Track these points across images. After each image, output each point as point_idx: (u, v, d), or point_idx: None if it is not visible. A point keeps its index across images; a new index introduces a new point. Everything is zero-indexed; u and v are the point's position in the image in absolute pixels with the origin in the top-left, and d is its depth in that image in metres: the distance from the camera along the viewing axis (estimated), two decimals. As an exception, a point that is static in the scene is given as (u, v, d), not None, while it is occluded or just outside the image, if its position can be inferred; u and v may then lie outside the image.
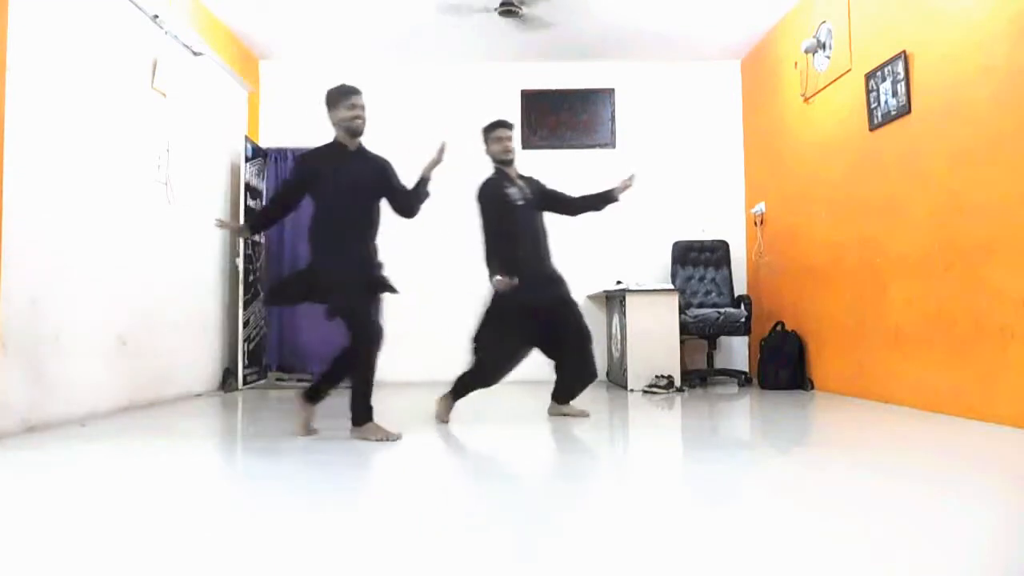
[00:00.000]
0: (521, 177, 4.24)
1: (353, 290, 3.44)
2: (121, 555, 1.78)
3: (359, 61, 6.90)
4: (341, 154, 3.60)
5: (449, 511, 2.23)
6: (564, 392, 4.25)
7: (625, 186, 4.27)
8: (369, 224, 3.61)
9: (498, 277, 3.90)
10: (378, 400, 3.48)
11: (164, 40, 5.08)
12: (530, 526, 2.05)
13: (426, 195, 3.71)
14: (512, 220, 4.07)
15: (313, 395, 3.55)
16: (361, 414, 3.42)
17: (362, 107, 3.58)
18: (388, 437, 3.37)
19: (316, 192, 3.57)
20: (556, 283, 4.15)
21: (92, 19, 4.32)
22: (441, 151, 3.63)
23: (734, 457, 3.20)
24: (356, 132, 3.58)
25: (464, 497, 2.44)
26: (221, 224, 4.22)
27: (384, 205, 3.69)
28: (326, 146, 3.64)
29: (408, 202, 3.69)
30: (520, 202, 4.11)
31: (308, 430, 3.53)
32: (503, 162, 4.17)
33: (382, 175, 3.67)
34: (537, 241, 4.15)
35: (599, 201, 4.34)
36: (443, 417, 3.99)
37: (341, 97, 3.56)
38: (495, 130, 4.18)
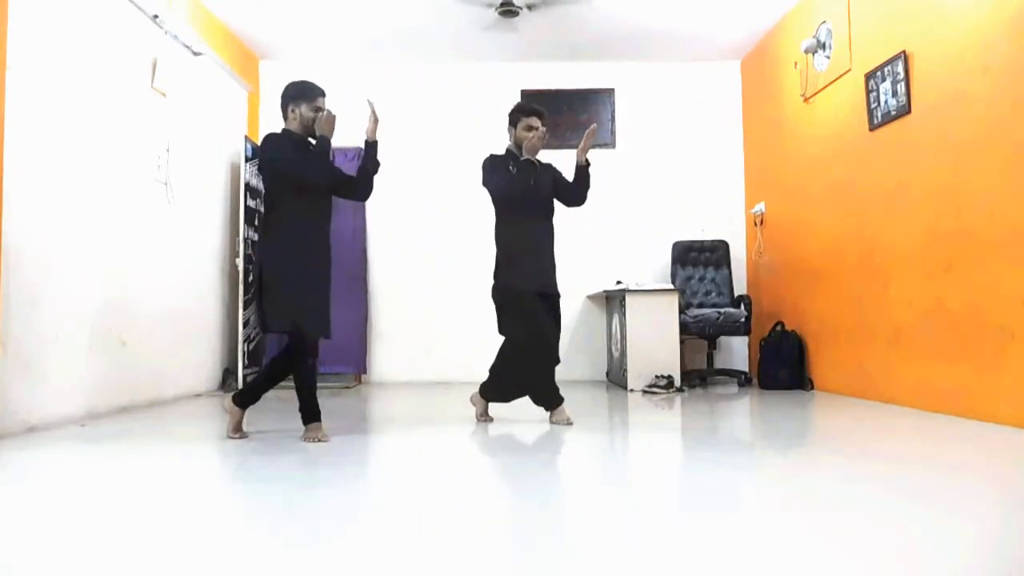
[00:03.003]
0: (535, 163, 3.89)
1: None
2: (122, 556, 1.78)
3: (359, 61, 6.90)
4: (303, 146, 3.53)
5: (449, 511, 2.23)
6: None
7: (585, 147, 3.90)
8: (329, 219, 3.62)
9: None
10: (384, 402, 3.48)
11: (164, 40, 5.08)
12: (530, 527, 2.05)
13: (376, 165, 3.68)
14: (510, 197, 3.85)
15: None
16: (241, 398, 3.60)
17: (323, 111, 3.54)
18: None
19: (285, 181, 3.45)
20: (547, 275, 3.93)
21: (92, 19, 4.32)
22: (372, 111, 3.60)
23: (734, 458, 3.20)
24: (313, 134, 3.53)
25: (463, 498, 2.44)
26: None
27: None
28: (285, 134, 3.54)
29: (359, 184, 3.69)
30: (515, 173, 3.81)
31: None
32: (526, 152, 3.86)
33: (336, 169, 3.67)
34: (534, 230, 3.90)
35: (579, 172, 3.98)
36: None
37: (310, 95, 3.52)
38: (528, 116, 3.88)
